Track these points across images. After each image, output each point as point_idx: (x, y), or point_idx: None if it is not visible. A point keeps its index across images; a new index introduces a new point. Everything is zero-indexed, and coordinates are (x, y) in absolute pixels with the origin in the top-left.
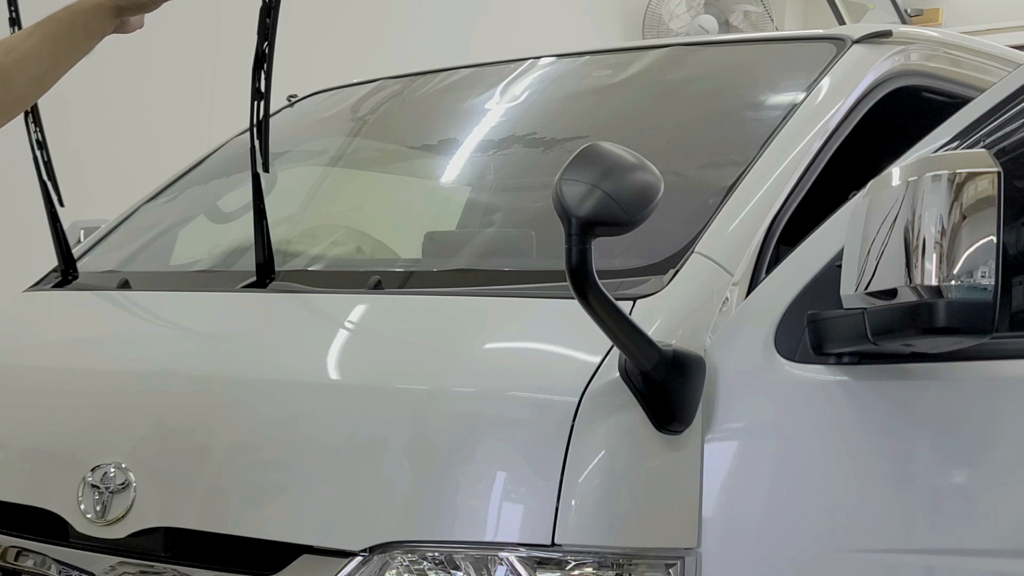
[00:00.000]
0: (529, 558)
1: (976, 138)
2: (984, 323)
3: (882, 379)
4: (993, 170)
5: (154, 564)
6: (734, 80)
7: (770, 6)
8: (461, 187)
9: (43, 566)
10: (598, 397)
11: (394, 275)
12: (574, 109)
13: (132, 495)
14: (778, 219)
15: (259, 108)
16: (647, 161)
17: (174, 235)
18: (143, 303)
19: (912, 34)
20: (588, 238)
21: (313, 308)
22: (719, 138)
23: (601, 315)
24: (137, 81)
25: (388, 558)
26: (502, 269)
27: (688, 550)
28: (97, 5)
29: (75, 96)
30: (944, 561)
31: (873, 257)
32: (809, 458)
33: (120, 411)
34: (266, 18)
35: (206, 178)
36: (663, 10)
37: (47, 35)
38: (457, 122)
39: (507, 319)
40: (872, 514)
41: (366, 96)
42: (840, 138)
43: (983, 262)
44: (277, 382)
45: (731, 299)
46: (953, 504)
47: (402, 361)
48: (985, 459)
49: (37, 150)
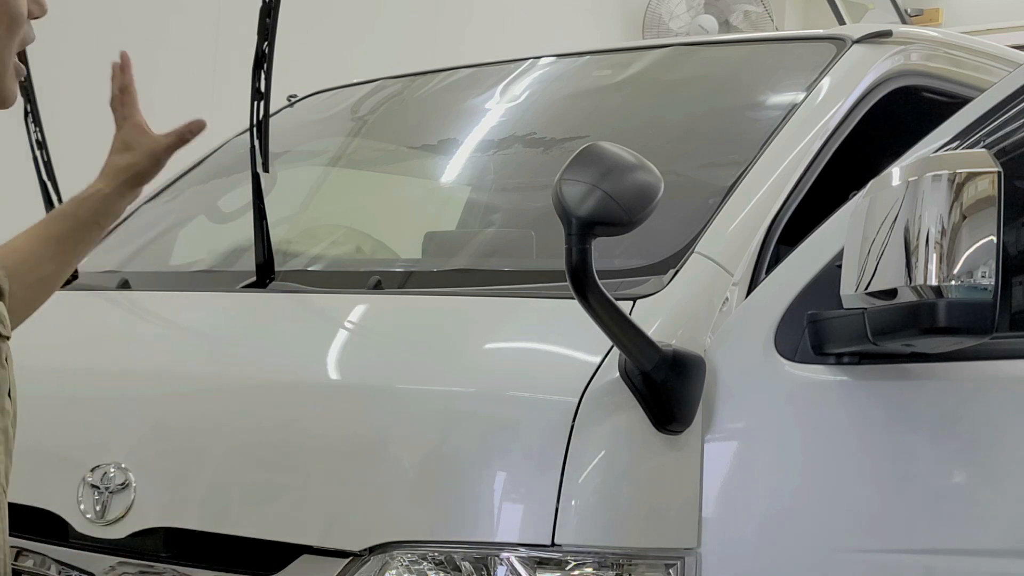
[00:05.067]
0: (529, 558)
1: (976, 138)
2: (984, 323)
3: (882, 379)
4: (993, 170)
5: (154, 564)
6: (734, 80)
7: (770, 6)
8: (461, 187)
9: (43, 566)
10: (598, 397)
11: (394, 275)
12: (574, 109)
13: (132, 495)
14: (778, 219)
15: (259, 108)
16: (647, 161)
17: (174, 235)
18: (143, 303)
19: (912, 34)
20: (588, 238)
21: (313, 308)
22: (719, 138)
23: (601, 315)
24: (138, 81)
25: (388, 558)
26: (502, 269)
27: (688, 550)
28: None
29: (75, 96)
30: (944, 561)
31: (873, 257)
32: (809, 458)
33: (120, 411)
34: (266, 18)
35: (206, 178)
36: (663, 10)
37: (51, 235)
38: (457, 122)
39: (507, 319)
40: (872, 514)
41: (366, 96)
42: (840, 138)
43: (983, 262)
44: (277, 382)
45: (731, 299)
46: (953, 504)
47: (402, 361)
48: (985, 459)
49: (37, 150)
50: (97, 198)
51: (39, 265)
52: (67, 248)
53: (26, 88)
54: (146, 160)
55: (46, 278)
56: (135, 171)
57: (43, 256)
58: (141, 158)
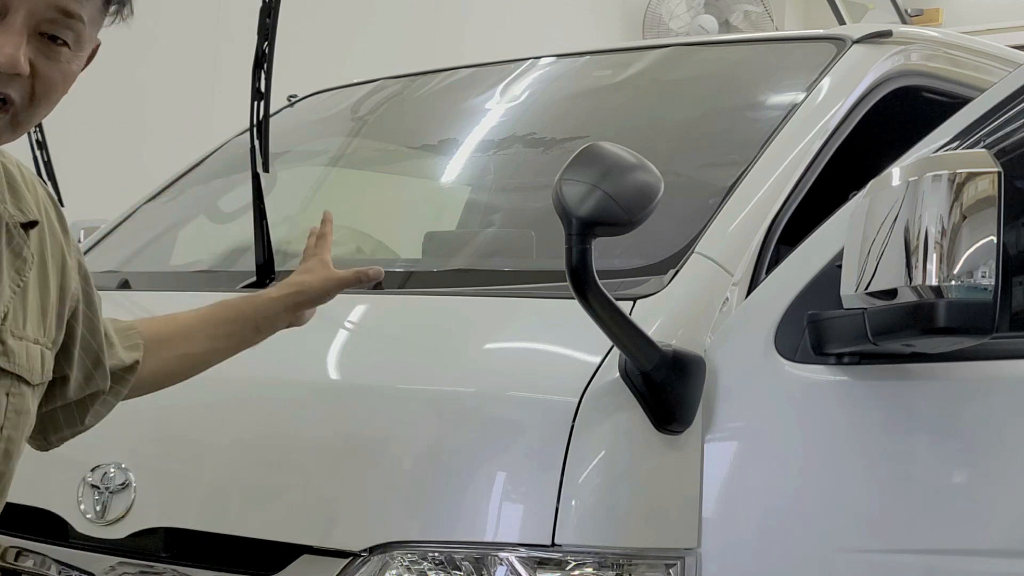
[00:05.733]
0: (529, 558)
1: (976, 138)
2: (984, 323)
3: (882, 379)
4: (993, 170)
5: (154, 564)
6: (734, 80)
7: (770, 6)
8: (461, 187)
9: (43, 566)
10: (598, 397)
11: (394, 275)
12: (574, 109)
13: (132, 495)
14: (778, 219)
15: (259, 108)
16: (647, 161)
17: (174, 235)
18: (143, 303)
19: (912, 34)
20: (588, 238)
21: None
22: (719, 138)
23: (601, 315)
24: (137, 81)
25: (388, 558)
26: (502, 269)
27: (688, 550)
28: (273, 300)
29: (75, 96)
30: (944, 561)
31: (873, 257)
32: (809, 458)
33: (120, 411)
34: (266, 18)
35: (206, 178)
36: (663, 10)
37: (212, 317)
38: (457, 122)
39: (507, 319)
40: (872, 514)
41: (366, 96)
42: (840, 138)
43: (983, 262)
44: (277, 382)
45: (731, 299)
46: (953, 504)
47: (402, 361)
48: (985, 459)
49: (37, 150)
50: (263, 300)
51: (190, 341)
52: (220, 335)
53: None
54: (318, 283)
55: (192, 355)
56: (304, 288)
57: (197, 334)
58: (314, 280)
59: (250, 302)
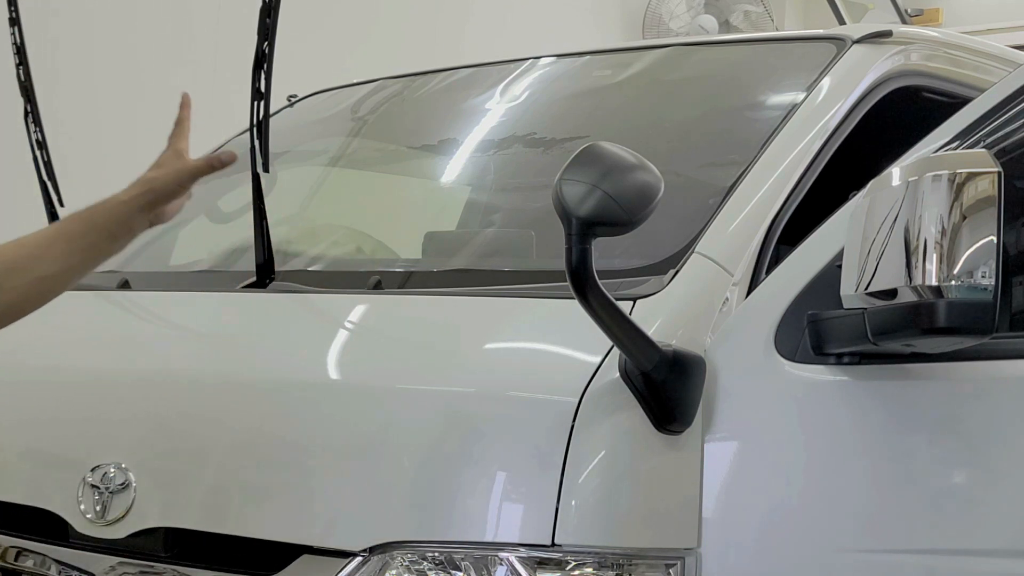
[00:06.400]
0: (529, 558)
1: (976, 138)
2: (984, 323)
3: (882, 379)
4: (993, 170)
5: (154, 564)
6: (734, 80)
7: (770, 6)
8: (461, 187)
9: (43, 566)
10: (598, 397)
11: (394, 275)
12: (574, 109)
13: (132, 495)
14: (778, 219)
15: (259, 108)
16: (647, 161)
17: (174, 235)
18: (143, 303)
19: (912, 34)
20: (588, 238)
21: (313, 308)
22: (719, 138)
23: (601, 315)
24: (137, 81)
25: (388, 558)
26: (502, 269)
27: (688, 550)
28: (123, 203)
29: (75, 96)
30: (945, 561)
31: (873, 257)
32: (809, 458)
33: (120, 411)
34: (266, 18)
35: (206, 178)
36: (663, 10)
37: (61, 233)
38: (457, 122)
39: (507, 319)
40: (872, 514)
41: (366, 96)
42: (840, 138)
43: (983, 262)
44: (277, 382)
45: (731, 299)
46: (954, 504)
47: (402, 361)
48: (985, 459)
49: (37, 150)
50: (112, 204)
51: (42, 263)
52: (75, 250)
53: (26, 88)
54: (169, 177)
55: (47, 278)
56: (154, 185)
57: (49, 254)
58: (165, 174)
59: (100, 210)
